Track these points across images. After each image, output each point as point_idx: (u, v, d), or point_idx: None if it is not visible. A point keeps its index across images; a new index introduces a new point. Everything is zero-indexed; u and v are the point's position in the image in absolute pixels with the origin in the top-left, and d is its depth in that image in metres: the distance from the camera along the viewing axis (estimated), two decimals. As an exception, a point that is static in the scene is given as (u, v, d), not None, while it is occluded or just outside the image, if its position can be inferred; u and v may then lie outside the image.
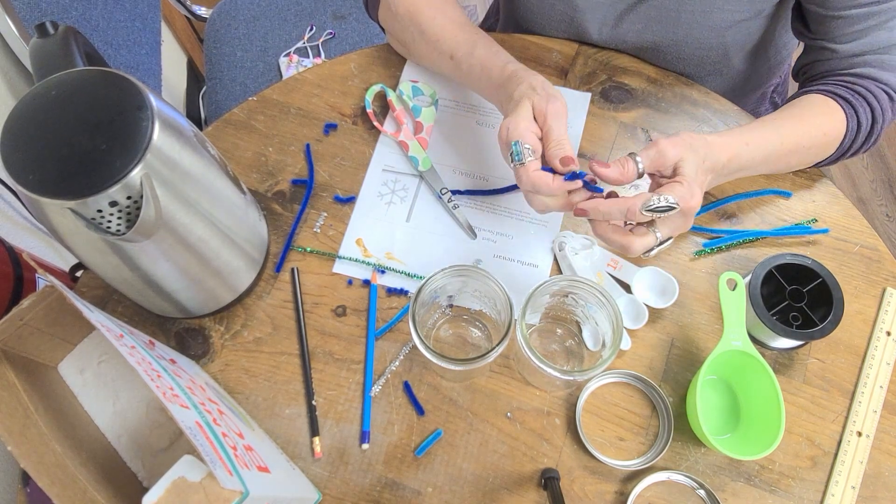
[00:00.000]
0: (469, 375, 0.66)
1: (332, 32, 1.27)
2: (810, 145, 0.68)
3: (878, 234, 0.73)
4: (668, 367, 0.68)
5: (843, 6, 0.67)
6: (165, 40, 1.48)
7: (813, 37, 0.73)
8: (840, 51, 0.71)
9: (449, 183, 0.75)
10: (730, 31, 0.77)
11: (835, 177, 1.80)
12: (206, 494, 0.41)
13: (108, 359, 0.61)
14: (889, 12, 0.67)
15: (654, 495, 0.63)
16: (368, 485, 0.63)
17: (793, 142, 0.67)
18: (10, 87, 1.00)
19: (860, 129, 0.69)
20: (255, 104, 0.79)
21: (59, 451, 0.50)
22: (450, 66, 0.73)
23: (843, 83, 0.70)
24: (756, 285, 0.64)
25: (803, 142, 0.67)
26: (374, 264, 0.71)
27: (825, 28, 0.70)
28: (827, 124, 0.68)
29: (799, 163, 0.71)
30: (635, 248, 0.58)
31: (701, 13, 0.74)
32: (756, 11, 0.75)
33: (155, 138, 0.48)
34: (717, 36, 0.77)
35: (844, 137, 0.69)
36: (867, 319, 0.70)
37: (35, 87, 0.49)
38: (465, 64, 0.70)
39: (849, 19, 0.68)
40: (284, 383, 0.67)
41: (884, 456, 0.65)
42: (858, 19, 0.68)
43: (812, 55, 0.75)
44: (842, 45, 0.70)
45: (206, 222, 0.57)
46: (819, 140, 0.68)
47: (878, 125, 0.69)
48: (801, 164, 0.72)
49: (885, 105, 0.69)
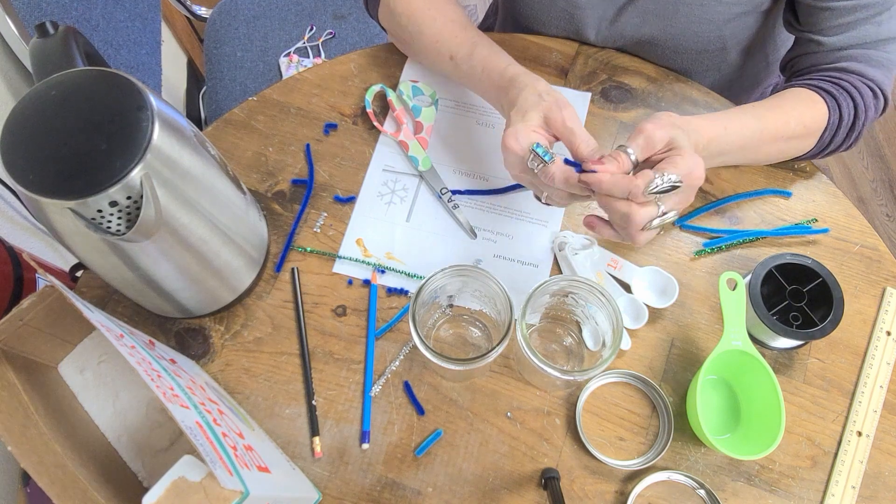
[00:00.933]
0: (469, 375, 0.66)
1: (332, 32, 1.27)
2: (790, 136, 0.68)
3: (878, 234, 0.73)
4: (668, 366, 0.68)
5: None
6: (165, 40, 1.48)
7: (801, 28, 0.72)
8: (826, 43, 0.70)
9: (449, 183, 0.75)
10: (728, 25, 0.77)
11: (835, 176, 1.80)
12: (206, 494, 0.41)
13: (108, 359, 0.61)
14: (878, 6, 0.67)
15: (655, 495, 0.63)
16: (368, 485, 0.63)
17: (772, 131, 0.67)
18: (10, 87, 1.00)
19: (841, 123, 0.69)
20: (255, 104, 0.79)
21: (59, 451, 0.50)
22: (449, 67, 0.72)
23: (828, 77, 0.70)
24: (756, 285, 0.64)
25: (783, 132, 0.67)
26: (374, 264, 0.71)
27: (814, 19, 0.70)
28: (807, 116, 0.68)
29: (778, 154, 0.71)
30: (637, 218, 0.55)
31: (699, 6, 0.74)
32: (754, 5, 0.75)
33: (155, 138, 0.48)
34: (716, 30, 0.77)
35: (825, 131, 0.69)
36: (867, 319, 0.70)
37: (35, 87, 0.49)
38: (465, 65, 0.70)
39: (836, 11, 0.68)
40: (284, 383, 0.67)
41: (884, 456, 0.64)
42: (846, 11, 0.67)
43: (799, 48, 0.75)
44: (828, 38, 0.70)
45: (206, 222, 0.57)
46: (799, 131, 0.68)
47: (859, 121, 0.69)
48: (781, 157, 0.72)
49: (868, 101, 0.69)
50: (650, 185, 0.53)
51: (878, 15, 0.67)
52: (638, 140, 0.57)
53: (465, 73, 0.71)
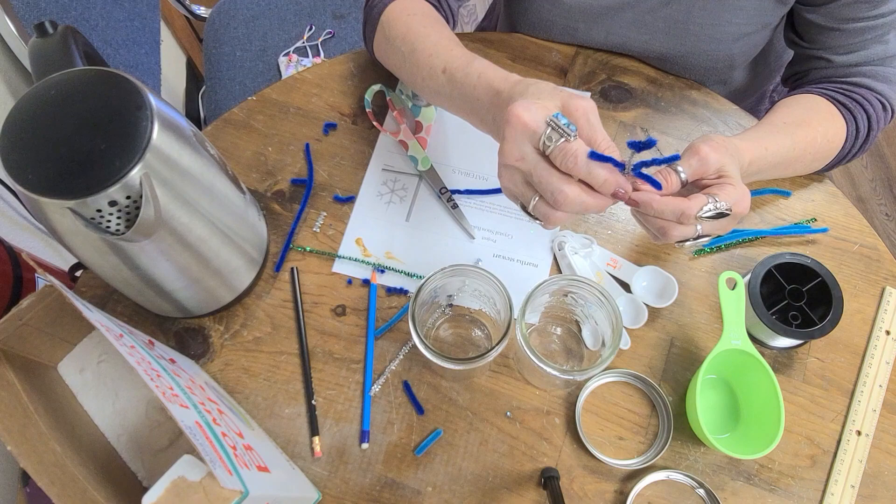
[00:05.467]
0: (469, 375, 0.66)
1: (331, 32, 1.27)
2: (816, 152, 0.69)
3: (877, 234, 0.73)
4: (667, 366, 0.68)
5: (844, 19, 0.67)
6: (165, 40, 1.48)
7: (809, 47, 0.73)
8: (837, 61, 0.71)
9: (448, 182, 0.75)
10: (737, 43, 0.77)
11: (834, 176, 1.80)
12: (206, 494, 0.41)
13: (107, 358, 0.61)
14: (886, 26, 0.68)
15: (654, 494, 0.63)
16: (368, 484, 0.63)
17: (802, 148, 0.67)
18: (10, 87, 1.00)
19: (858, 136, 0.70)
20: (255, 104, 0.79)
21: (59, 451, 0.50)
22: (440, 81, 0.63)
23: (842, 90, 0.70)
24: (755, 284, 0.65)
25: (811, 148, 0.68)
26: (374, 264, 0.71)
27: (823, 39, 0.71)
28: (831, 131, 0.69)
29: (803, 169, 0.71)
30: (673, 234, 0.52)
31: (710, 25, 0.74)
32: (763, 24, 0.75)
33: (154, 138, 0.48)
34: (725, 48, 0.77)
35: (844, 144, 0.70)
36: (866, 318, 0.70)
37: (34, 87, 0.49)
38: (459, 73, 0.61)
39: (847, 32, 0.68)
40: (284, 383, 0.67)
41: (883, 455, 0.65)
42: (857, 32, 0.68)
43: (806, 64, 0.75)
44: (839, 56, 0.71)
45: (205, 222, 0.57)
46: (824, 147, 0.69)
47: (872, 133, 0.70)
48: (804, 171, 0.73)
49: (879, 114, 0.70)
50: (703, 209, 0.51)
51: (887, 34, 0.69)
52: (692, 161, 0.53)
53: (457, 83, 0.61)
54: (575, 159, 0.46)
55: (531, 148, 0.49)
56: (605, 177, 0.48)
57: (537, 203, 0.51)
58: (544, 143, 0.48)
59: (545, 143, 0.48)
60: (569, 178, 0.49)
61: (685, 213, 0.50)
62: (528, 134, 0.48)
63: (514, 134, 0.49)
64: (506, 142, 0.50)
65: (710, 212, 0.51)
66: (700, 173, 0.53)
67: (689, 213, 0.50)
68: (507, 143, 0.50)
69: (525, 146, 0.49)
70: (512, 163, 0.50)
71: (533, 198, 0.51)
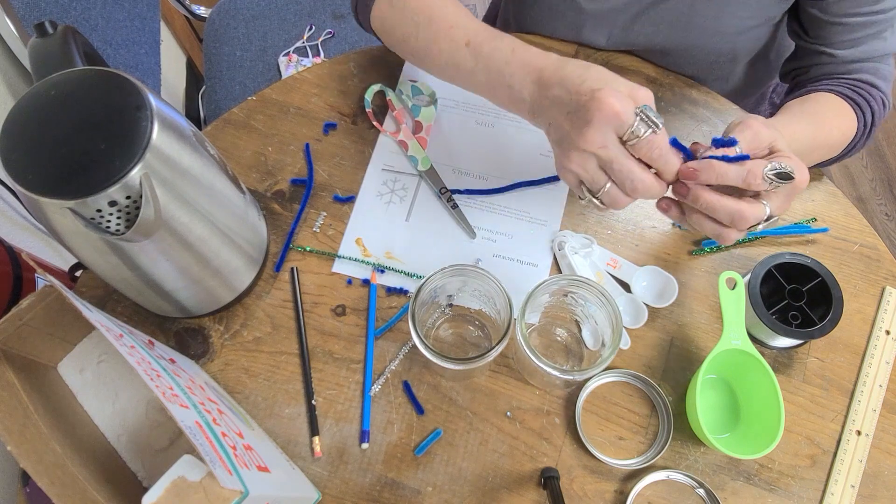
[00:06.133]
0: (469, 375, 0.66)
1: (331, 32, 1.27)
2: (832, 144, 0.69)
3: (877, 233, 0.73)
4: (667, 366, 0.68)
5: (844, 13, 0.68)
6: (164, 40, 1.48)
7: (811, 41, 0.74)
8: (839, 56, 0.72)
9: (448, 182, 0.75)
10: (741, 37, 0.77)
11: (834, 176, 1.80)
12: (206, 494, 0.41)
13: (107, 358, 0.61)
14: (884, 23, 0.69)
15: (654, 494, 0.63)
16: (368, 484, 0.63)
17: (823, 138, 0.67)
18: (10, 87, 1.00)
19: (865, 131, 0.71)
20: (255, 104, 0.79)
21: (59, 451, 0.50)
22: (462, 55, 0.61)
23: (848, 85, 0.71)
24: (755, 284, 0.65)
25: (829, 140, 0.68)
26: (374, 264, 0.71)
27: (824, 33, 0.71)
28: (844, 124, 0.69)
29: (818, 160, 0.72)
30: (748, 216, 0.50)
31: (713, 18, 0.74)
32: (767, 18, 0.75)
33: (154, 138, 0.48)
34: (728, 42, 0.77)
35: (854, 137, 0.70)
36: (866, 318, 0.70)
37: (34, 87, 0.49)
38: (486, 47, 0.59)
39: (848, 26, 0.69)
40: (284, 383, 0.67)
41: (883, 455, 0.65)
42: (857, 27, 0.69)
43: (808, 59, 0.76)
44: (841, 52, 0.72)
45: (205, 222, 0.57)
46: (839, 139, 0.69)
47: (874, 128, 0.71)
48: (815, 162, 0.72)
49: (879, 110, 0.71)
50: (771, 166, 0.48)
51: (885, 31, 0.70)
52: (745, 134, 0.50)
53: (483, 57, 0.59)
54: (660, 151, 0.48)
55: (614, 136, 0.49)
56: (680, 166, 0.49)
57: (610, 188, 0.51)
58: (631, 133, 0.48)
59: (632, 133, 0.48)
60: (645, 166, 0.50)
61: (752, 170, 0.48)
62: (616, 123, 0.48)
63: (602, 121, 0.48)
64: (591, 127, 0.49)
65: (776, 169, 0.48)
66: (753, 146, 0.51)
67: (756, 169, 0.48)
68: (592, 129, 0.49)
69: (610, 134, 0.49)
70: (593, 149, 0.49)
71: (606, 184, 0.51)
